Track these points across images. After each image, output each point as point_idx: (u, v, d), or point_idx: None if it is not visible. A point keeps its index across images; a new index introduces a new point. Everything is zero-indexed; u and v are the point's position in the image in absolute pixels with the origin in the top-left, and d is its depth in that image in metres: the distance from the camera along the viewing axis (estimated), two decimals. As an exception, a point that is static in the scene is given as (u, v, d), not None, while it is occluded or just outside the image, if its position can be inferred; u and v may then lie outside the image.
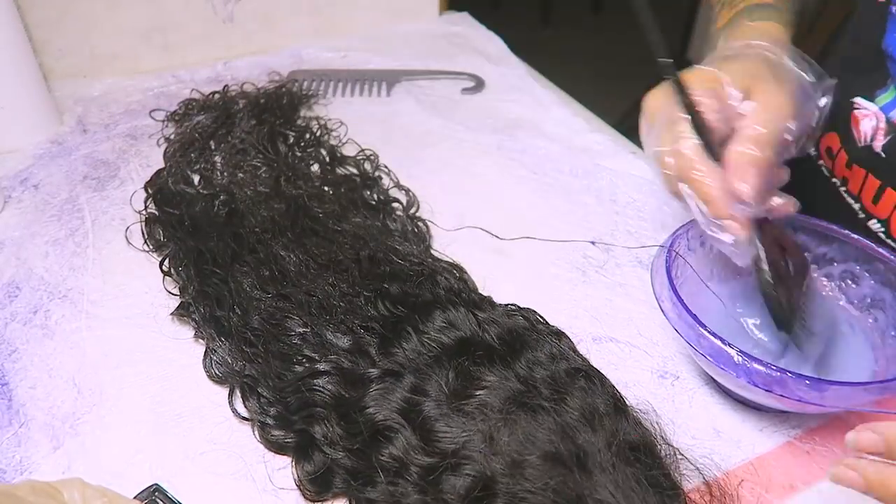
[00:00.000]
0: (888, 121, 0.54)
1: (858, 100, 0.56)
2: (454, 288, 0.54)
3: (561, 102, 0.86)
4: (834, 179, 0.61)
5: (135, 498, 0.42)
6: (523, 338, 0.49)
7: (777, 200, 0.47)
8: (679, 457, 0.43)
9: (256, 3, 0.93)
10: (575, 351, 0.50)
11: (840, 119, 0.58)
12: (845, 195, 0.61)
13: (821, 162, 0.62)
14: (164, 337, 0.54)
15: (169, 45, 0.91)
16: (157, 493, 0.42)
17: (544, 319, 0.53)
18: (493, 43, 0.99)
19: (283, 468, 0.45)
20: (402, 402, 0.44)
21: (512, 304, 0.54)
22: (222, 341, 0.51)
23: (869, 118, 0.55)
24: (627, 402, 0.46)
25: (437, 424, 0.43)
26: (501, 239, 0.62)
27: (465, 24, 1.05)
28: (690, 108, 0.46)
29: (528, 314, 0.53)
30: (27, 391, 0.49)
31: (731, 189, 0.44)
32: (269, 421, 0.46)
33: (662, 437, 0.44)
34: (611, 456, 0.40)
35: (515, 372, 0.46)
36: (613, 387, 0.47)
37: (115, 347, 0.53)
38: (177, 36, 0.91)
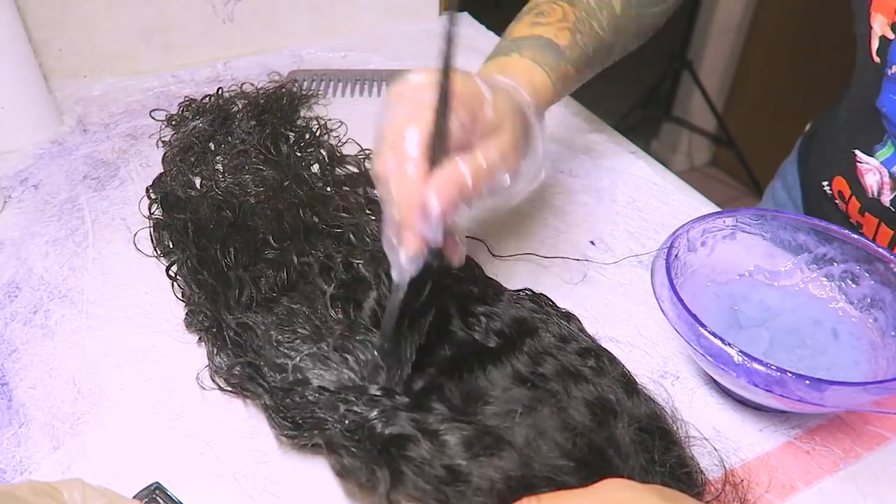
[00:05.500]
0: (892, 176, 0.55)
1: (859, 154, 0.57)
2: (462, 278, 0.54)
3: (561, 102, 0.85)
4: (850, 221, 0.61)
5: (135, 496, 0.42)
6: (528, 325, 0.49)
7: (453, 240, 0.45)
8: (690, 440, 0.45)
9: (256, 3, 0.93)
10: (584, 332, 0.52)
11: (845, 165, 0.59)
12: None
13: (837, 202, 0.62)
14: (164, 337, 0.54)
15: (169, 45, 0.91)
16: (157, 492, 0.42)
17: (553, 303, 0.54)
18: (493, 43, 0.98)
19: (283, 468, 0.45)
20: (410, 421, 0.43)
21: (525, 289, 0.55)
22: (224, 355, 0.50)
23: (872, 172, 0.56)
24: (637, 382, 0.47)
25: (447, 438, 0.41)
26: (497, 256, 0.61)
27: (464, 24, 1.04)
28: (444, 104, 0.42)
29: (538, 298, 0.54)
30: (27, 391, 0.49)
31: (424, 201, 0.41)
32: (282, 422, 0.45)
33: (673, 415, 0.45)
34: (629, 442, 0.41)
35: (517, 371, 0.46)
36: (623, 366, 0.48)
37: (115, 347, 0.53)
38: (177, 36, 0.91)
